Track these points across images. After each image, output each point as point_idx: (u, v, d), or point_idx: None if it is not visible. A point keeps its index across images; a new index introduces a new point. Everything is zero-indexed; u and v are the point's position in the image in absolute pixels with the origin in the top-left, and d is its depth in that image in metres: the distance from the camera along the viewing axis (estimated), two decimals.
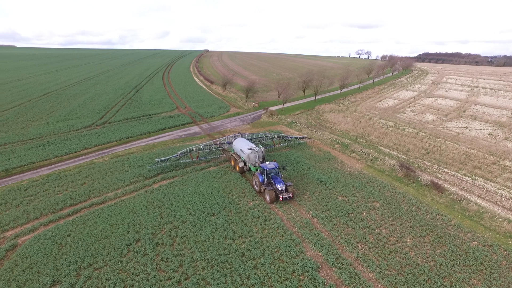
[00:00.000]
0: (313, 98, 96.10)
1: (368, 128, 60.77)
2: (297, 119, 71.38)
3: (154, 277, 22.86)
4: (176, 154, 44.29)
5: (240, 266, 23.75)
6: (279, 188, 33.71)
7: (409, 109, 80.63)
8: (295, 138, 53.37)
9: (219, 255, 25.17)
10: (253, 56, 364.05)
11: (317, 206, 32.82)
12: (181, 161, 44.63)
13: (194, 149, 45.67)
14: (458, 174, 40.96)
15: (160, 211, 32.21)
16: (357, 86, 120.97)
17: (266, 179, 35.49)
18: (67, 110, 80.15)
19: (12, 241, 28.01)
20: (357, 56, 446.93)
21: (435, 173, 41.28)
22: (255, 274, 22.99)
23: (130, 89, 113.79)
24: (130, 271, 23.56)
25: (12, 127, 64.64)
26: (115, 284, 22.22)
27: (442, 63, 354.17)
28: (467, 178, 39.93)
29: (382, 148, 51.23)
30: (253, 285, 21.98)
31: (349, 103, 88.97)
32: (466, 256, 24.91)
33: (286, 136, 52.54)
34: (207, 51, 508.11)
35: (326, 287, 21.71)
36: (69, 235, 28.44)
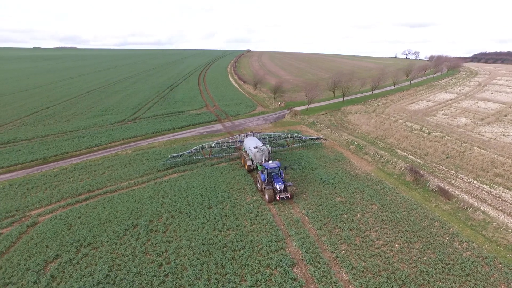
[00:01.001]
0: (342, 98, 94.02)
1: (390, 131, 58.59)
2: (319, 119, 70.73)
3: (140, 259, 24.96)
4: (189, 151, 46.48)
5: (219, 256, 24.99)
6: (278, 188, 34.12)
7: (442, 112, 75.86)
8: (310, 138, 53.10)
9: (203, 244, 26.63)
10: (293, 56, 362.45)
11: (312, 206, 32.93)
12: (194, 157, 46.71)
13: (207, 146, 47.50)
14: (475, 182, 38.33)
15: (162, 201, 34.47)
16: (392, 87, 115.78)
17: (267, 178, 36.09)
18: (105, 106, 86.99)
19: (34, 219, 31.91)
20: (403, 56, 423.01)
21: (449, 179, 39.03)
22: (231, 264, 24.09)
23: (166, 87, 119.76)
24: (121, 252, 25.91)
25: (56, 120, 71.96)
26: (105, 262, 24.65)
27: (502, 63, 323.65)
28: (484, 186, 37.26)
29: (398, 151, 49.28)
30: (226, 274, 23.10)
31: (378, 105, 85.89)
32: (453, 266, 23.71)
33: (300, 137, 52.52)
34: (248, 51, 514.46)
35: (295, 283, 22.13)
36: (79, 217, 31.70)
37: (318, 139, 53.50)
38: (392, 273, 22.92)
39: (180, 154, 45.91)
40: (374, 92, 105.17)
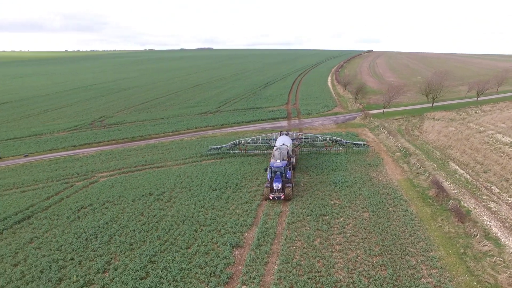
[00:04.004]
0: (436, 103, 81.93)
1: (462, 141, 49.69)
2: (387, 123, 65.05)
3: (134, 217, 31.81)
4: (227, 144, 51.26)
5: (186, 226, 29.31)
6: (274, 187, 34.66)
7: None
8: (352, 143, 50.30)
9: (184, 216, 31.38)
10: (414, 57, 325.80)
11: (303, 203, 33.31)
12: (231, 151, 51.06)
13: (243, 141, 51.21)
14: None
15: (183, 180, 40.78)
16: None
17: (272, 176, 37.03)
18: (200, 99, 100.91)
19: (96, 179, 43.11)
20: None
21: (490, 202, 31.99)
22: (190, 235, 28.09)
23: (261, 85, 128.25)
24: (126, 210, 33.32)
25: (157, 109, 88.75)
26: (112, 214, 32.42)
27: None
28: None
29: (452, 164, 42.11)
30: (181, 241, 27.26)
31: (476, 112, 71.62)
32: (393, 286, 21.24)
33: (340, 140, 50.23)
34: (370, 51, 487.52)
35: (225, 260, 24.43)
36: (121, 182, 41.18)
37: (361, 144, 50.13)
38: (321, 277, 22.40)
39: (219, 146, 51.20)
40: (488, 97, 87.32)
